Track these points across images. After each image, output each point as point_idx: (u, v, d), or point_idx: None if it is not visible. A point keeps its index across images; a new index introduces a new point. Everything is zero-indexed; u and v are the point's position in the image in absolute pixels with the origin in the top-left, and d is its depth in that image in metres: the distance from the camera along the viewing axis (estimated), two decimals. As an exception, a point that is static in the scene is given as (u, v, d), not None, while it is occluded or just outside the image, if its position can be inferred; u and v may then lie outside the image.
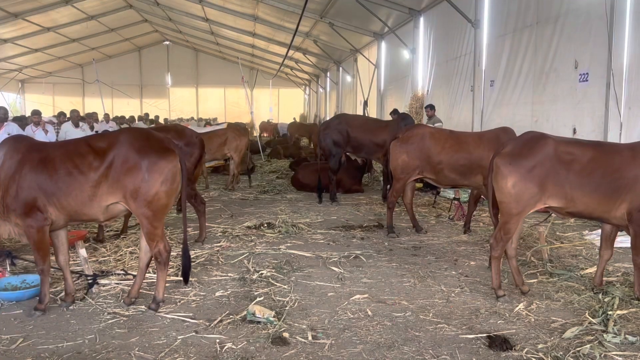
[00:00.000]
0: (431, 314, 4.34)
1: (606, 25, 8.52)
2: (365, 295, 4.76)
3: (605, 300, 4.48)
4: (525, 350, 3.65)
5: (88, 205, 4.17)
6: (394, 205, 7.24)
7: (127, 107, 33.24)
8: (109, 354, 3.65)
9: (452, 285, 5.10)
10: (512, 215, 4.59)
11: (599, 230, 6.97)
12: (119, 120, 17.37)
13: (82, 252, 5.01)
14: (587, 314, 4.24)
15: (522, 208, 4.55)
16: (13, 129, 8.37)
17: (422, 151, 6.82)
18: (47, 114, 18.30)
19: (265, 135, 30.23)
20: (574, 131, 9.49)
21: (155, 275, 4.62)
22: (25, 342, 3.83)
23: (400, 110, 15.91)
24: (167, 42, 37.38)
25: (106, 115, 16.92)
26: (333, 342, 3.81)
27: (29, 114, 13.18)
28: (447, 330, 4.03)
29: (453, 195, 8.68)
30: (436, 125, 9.93)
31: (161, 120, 24.24)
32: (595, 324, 4.04)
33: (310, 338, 3.86)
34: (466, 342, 3.81)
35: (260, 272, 5.42)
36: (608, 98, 8.58)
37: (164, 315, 4.30)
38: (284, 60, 25.05)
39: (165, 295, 4.52)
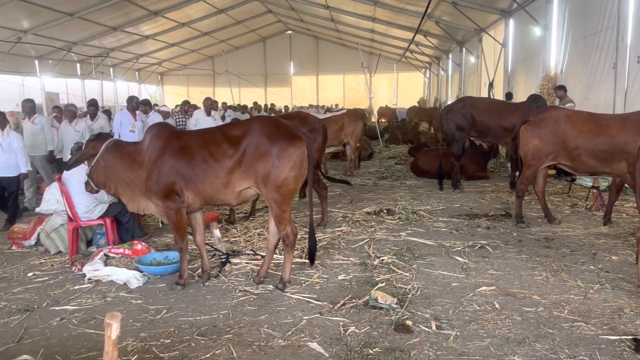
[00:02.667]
0: (566, 311, 4.04)
1: None
2: (492, 288, 4.56)
3: None
4: (681, 358, 3.27)
5: (222, 191, 4.45)
6: (524, 194, 6.83)
7: (253, 95, 34.89)
8: (241, 329, 3.88)
9: (590, 281, 4.70)
10: (665, 206, 4.11)
11: None
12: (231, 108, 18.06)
13: (217, 232, 5.37)
14: None
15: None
16: (156, 117, 9.18)
17: (556, 135, 6.33)
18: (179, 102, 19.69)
19: (383, 120, 30.05)
20: None
21: (282, 257, 4.82)
22: (169, 314, 4.21)
23: (532, 92, 14.93)
24: (290, 32, 38.49)
25: (224, 104, 17.76)
26: (458, 333, 3.71)
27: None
28: (585, 329, 3.73)
29: (591, 184, 7.98)
30: (567, 106, 9.15)
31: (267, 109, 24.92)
32: None
33: (434, 328, 3.79)
34: (607, 344, 3.50)
35: (381, 258, 5.42)
36: None
37: (290, 295, 4.48)
38: (409, 45, 24.58)
39: (291, 276, 4.69)
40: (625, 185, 6.62)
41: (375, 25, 27.87)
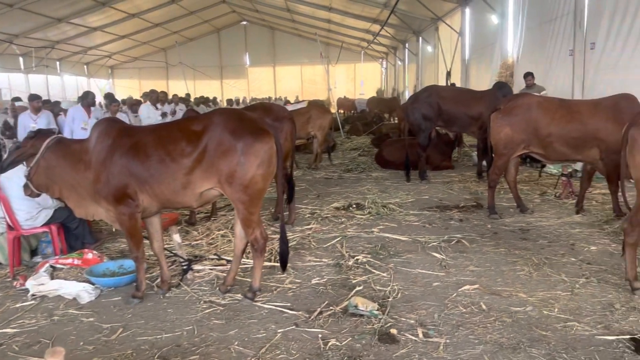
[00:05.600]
0: (556, 309, 3.82)
1: None
2: (476, 286, 4.31)
3: None
4: (684, 358, 3.07)
5: (181, 193, 4.00)
6: (496, 184, 6.64)
7: (208, 88, 34.00)
8: (208, 347, 3.47)
9: (574, 274, 4.52)
10: (653, 195, 3.93)
11: None
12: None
13: (176, 237, 4.91)
14: None
15: (665, 187, 3.88)
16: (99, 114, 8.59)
17: (528, 123, 6.14)
18: (134, 96, 18.80)
19: (341, 112, 29.82)
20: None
21: (250, 261, 4.42)
22: (125, 333, 3.75)
23: (489, 80, 14.95)
24: (245, 22, 37.67)
25: (174, 97, 16.96)
26: (448, 341, 3.41)
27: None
28: (579, 329, 3.51)
29: (560, 171, 7.89)
30: (542, 94, 9.06)
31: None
32: None
33: (421, 336, 3.49)
34: (605, 345, 3.28)
35: (355, 258, 5.10)
36: None
37: (261, 305, 4.09)
38: (375, 38, 24.34)
39: (261, 283, 4.30)
40: (597, 172, 6.50)
41: (332, 15, 27.53)
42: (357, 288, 4.33)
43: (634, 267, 4.09)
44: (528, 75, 10.23)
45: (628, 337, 3.34)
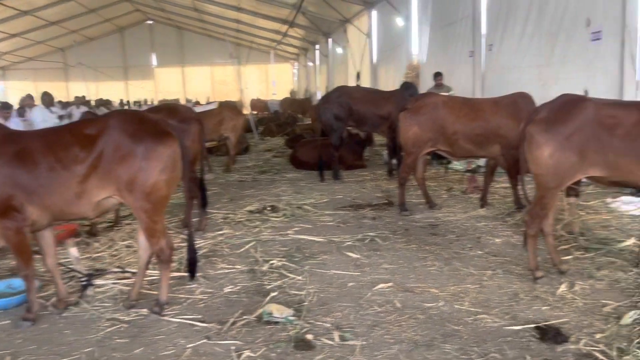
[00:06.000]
0: (467, 303, 3.91)
1: (620, -22, 7.97)
2: (390, 284, 4.32)
3: (656, 277, 4.07)
4: (583, 341, 3.23)
5: (76, 203, 3.66)
6: (406, 182, 6.77)
7: (112, 89, 32.33)
8: (111, 370, 3.19)
9: (481, 267, 4.67)
10: (550, 188, 4.13)
11: (624, 197, 6.61)
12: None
13: (73, 251, 4.52)
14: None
15: (561, 180, 4.09)
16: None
17: (435, 122, 6.32)
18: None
19: (255, 113, 29.52)
20: (586, 93, 9.01)
21: (157, 272, 4.15)
22: (14, 361, 3.36)
23: (397, 81, 15.35)
24: (150, 22, 36.25)
25: (77, 99, 16.05)
26: (364, 343, 3.37)
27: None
28: (488, 321, 3.61)
29: (464, 167, 8.22)
30: (450, 93, 9.44)
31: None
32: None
33: (337, 339, 3.42)
34: (513, 335, 3.39)
35: (270, 262, 4.96)
36: (623, 57, 8.08)
37: (170, 319, 3.84)
38: (282, 39, 24.23)
39: (169, 295, 4.05)
40: (499, 167, 6.82)
41: (241, 15, 27.16)
42: (272, 294, 4.19)
43: (535, 257, 4.29)
44: (438, 75, 10.62)
45: (533, 325, 3.47)
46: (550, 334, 3.31)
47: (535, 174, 4.18)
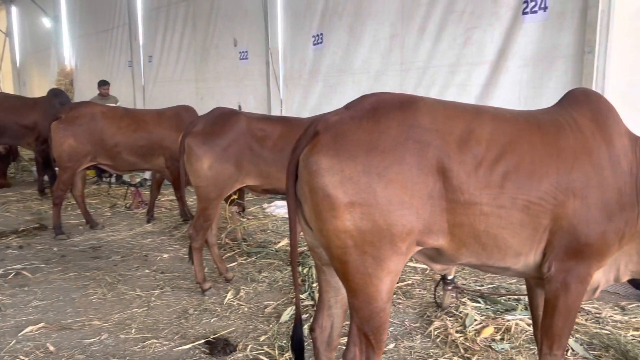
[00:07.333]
0: (134, 330, 3.59)
1: (261, 5, 8.89)
2: (41, 325, 3.65)
3: (304, 272, 4.55)
4: (249, 347, 3.32)
5: None
6: (62, 201, 5.96)
7: None
8: None
9: (149, 287, 4.41)
10: (211, 199, 4.17)
11: (277, 202, 7.36)
12: None
13: None
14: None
15: (221, 190, 4.18)
16: None
17: (93, 133, 5.77)
18: None
19: None
20: (240, 108, 9.77)
21: None
22: None
23: (47, 88, 13.74)
24: None
25: None
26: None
27: None
28: (157, 345, 3.38)
29: (129, 181, 7.82)
30: (118, 104, 8.84)
31: None
32: (304, 299, 4.02)
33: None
34: (183, 355, 3.25)
35: None
36: (269, 76, 9.04)
37: None
38: None
39: None
40: (166, 179, 6.69)
41: None
42: None
43: (202, 270, 4.27)
44: (104, 84, 9.93)
45: (203, 341, 3.40)
46: (219, 346, 3.29)
47: (196, 186, 4.17)
